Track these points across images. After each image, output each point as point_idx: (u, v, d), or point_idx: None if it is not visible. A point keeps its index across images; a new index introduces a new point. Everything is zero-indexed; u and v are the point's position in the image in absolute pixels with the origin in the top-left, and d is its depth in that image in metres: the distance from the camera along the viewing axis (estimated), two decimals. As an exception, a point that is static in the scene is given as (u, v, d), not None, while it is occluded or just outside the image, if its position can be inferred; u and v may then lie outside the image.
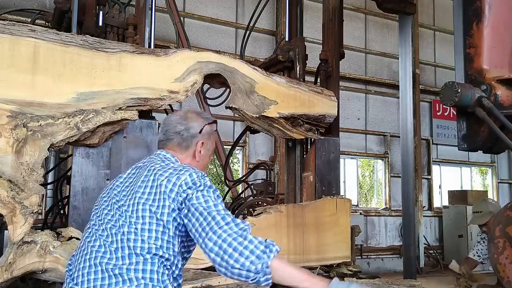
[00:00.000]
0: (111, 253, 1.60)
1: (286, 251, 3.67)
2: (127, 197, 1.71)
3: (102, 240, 1.65)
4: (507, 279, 2.73)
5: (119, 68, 2.97)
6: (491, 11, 2.85)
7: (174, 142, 1.89)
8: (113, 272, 1.57)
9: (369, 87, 10.77)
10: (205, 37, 8.99)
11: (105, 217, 1.71)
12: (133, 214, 1.64)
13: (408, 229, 5.63)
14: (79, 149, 2.97)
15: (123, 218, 1.65)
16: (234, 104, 3.42)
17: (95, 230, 1.70)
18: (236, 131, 8.88)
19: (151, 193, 1.67)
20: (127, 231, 1.62)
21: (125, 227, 1.63)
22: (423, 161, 11.18)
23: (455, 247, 10.35)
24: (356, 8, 10.63)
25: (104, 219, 1.71)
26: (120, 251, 1.60)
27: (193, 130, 1.91)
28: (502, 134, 2.66)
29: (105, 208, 1.75)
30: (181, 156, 1.88)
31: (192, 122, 1.92)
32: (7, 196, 2.61)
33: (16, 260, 2.64)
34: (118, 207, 1.70)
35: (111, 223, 1.67)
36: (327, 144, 4.09)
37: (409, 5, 4.97)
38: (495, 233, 2.82)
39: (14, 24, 2.75)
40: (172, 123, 1.92)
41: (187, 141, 1.90)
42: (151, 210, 1.64)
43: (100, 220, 1.72)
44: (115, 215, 1.68)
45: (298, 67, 4.15)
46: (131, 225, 1.62)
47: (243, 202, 5.38)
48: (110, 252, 1.61)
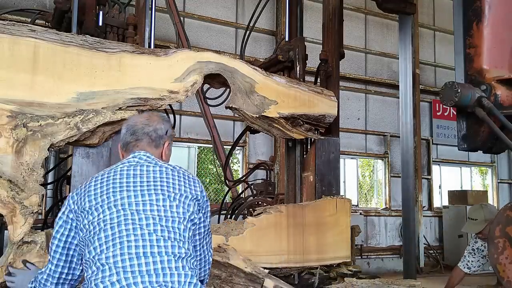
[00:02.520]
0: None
1: (286, 251, 3.67)
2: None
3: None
4: (507, 279, 2.73)
5: (119, 68, 2.98)
6: (491, 11, 2.85)
7: (144, 142, 1.92)
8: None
9: (369, 87, 10.76)
10: (205, 37, 8.98)
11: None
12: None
13: (408, 229, 5.63)
14: (79, 149, 2.97)
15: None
16: (234, 104, 3.42)
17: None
18: (236, 131, 8.87)
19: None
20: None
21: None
22: (423, 161, 11.16)
23: (455, 247, 10.34)
24: (356, 8, 10.62)
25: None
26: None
27: (160, 131, 1.95)
28: (502, 134, 2.67)
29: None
30: (153, 155, 1.91)
31: (158, 124, 1.96)
32: (7, 196, 2.61)
33: (16, 260, 2.64)
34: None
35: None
36: (327, 144, 4.09)
37: (409, 5, 4.97)
38: (495, 233, 2.82)
39: (14, 24, 2.75)
40: (138, 124, 1.95)
41: (156, 141, 1.94)
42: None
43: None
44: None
45: (298, 67, 4.15)
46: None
47: (243, 202, 5.39)
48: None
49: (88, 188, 1.75)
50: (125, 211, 1.65)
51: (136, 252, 1.55)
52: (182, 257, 1.61)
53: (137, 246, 1.56)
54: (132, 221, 1.62)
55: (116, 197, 1.69)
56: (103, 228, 1.62)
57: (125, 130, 1.96)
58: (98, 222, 1.64)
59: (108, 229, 1.61)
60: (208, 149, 8.93)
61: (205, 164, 9.22)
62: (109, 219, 1.63)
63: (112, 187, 1.72)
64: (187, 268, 1.59)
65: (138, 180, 1.75)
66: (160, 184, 1.74)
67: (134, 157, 1.86)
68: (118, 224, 1.62)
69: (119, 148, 2.00)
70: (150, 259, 1.55)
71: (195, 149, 8.90)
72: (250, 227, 3.54)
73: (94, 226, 1.64)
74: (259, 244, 3.55)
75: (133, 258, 1.54)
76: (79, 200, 1.74)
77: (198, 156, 9.03)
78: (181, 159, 8.67)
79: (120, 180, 1.74)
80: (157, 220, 1.64)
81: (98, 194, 1.71)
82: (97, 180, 1.77)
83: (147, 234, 1.60)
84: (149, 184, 1.74)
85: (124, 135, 1.95)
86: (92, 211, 1.68)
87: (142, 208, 1.66)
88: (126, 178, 1.75)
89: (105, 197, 1.70)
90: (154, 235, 1.60)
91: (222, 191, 8.70)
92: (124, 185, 1.73)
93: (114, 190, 1.71)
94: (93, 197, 1.71)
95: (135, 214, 1.64)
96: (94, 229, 1.64)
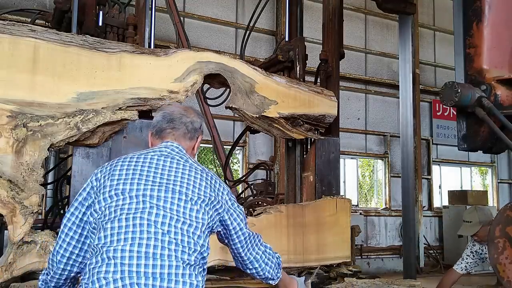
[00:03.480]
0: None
1: (286, 251, 3.67)
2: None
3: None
4: (507, 279, 2.73)
5: (119, 68, 2.98)
6: (491, 11, 2.85)
7: (180, 132, 1.90)
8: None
9: (369, 87, 10.77)
10: (205, 37, 8.99)
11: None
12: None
13: (408, 229, 5.62)
14: (79, 149, 2.97)
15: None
16: (234, 104, 3.42)
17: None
18: (236, 131, 8.87)
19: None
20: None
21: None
22: (423, 161, 11.17)
23: (455, 247, 10.34)
24: (356, 8, 10.62)
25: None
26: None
27: (196, 124, 1.94)
28: (502, 134, 2.67)
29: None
30: (184, 147, 1.89)
31: (194, 117, 1.95)
32: (7, 196, 2.61)
33: (16, 260, 2.64)
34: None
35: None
36: (327, 144, 4.09)
37: (409, 5, 4.97)
38: (495, 233, 2.82)
39: (14, 24, 2.75)
40: (176, 113, 1.92)
41: (191, 133, 1.92)
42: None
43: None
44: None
45: (298, 67, 4.15)
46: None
47: (243, 202, 5.38)
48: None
49: (113, 169, 1.71)
50: (145, 203, 1.59)
51: (145, 251, 1.50)
52: (191, 264, 1.56)
53: (148, 245, 1.51)
54: (148, 216, 1.57)
55: (140, 186, 1.63)
56: (118, 216, 1.56)
57: (161, 117, 1.92)
58: (115, 208, 1.59)
59: (123, 219, 1.55)
60: (208, 149, 8.93)
61: (205, 164, 9.23)
62: (126, 208, 1.58)
63: (139, 174, 1.67)
64: (193, 276, 1.54)
65: (166, 173, 1.70)
66: (187, 183, 1.69)
67: (166, 147, 1.82)
68: (133, 217, 1.56)
69: (149, 135, 1.96)
70: (158, 261, 1.49)
71: (195, 149, 8.90)
72: (250, 227, 3.52)
73: (110, 211, 1.59)
74: (259, 244, 3.54)
75: (141, 257, 1.49)
76: (103, 178, 1.70)
77: (198, 156, 9.03)
78: (181, 159, 8.65)
79: (148, 169, 1.69)
80: (174, 221, 1.59)
81: (122, 179, 1.66)
82: (124, 163, 1.72)
83: (160, 233, 1.54)
84: (175, 181, 1.68)
85: (159, 122, 1.91)
86: (112, 195, 1.62)
87: (162, 204, 1.61)
88: (155, 168, 1.70)
89: (128, 183, 1.64)
90: (167, 236, 1.55)
91: (222, 191, 8.69)
92: (151, 176, 1.67)
93: (140, 178, 1.66)
94: (116, 181, 1.66)
95: (154, 208, 1.59)
96: (109, 215, 1.58)
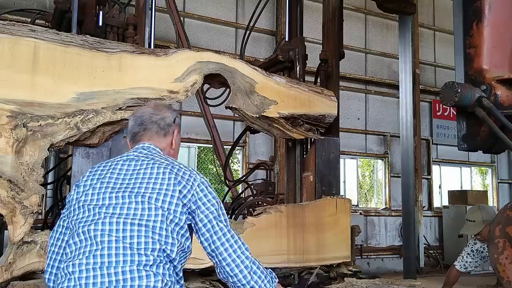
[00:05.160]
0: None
1: (286, 251, 3.67)
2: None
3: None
4: (507, 279, 2.74)
5: (119, 68, 2.98)
6: (491, 11, 2.85)
7: (152, 132, 1.90)
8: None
9: (369, 87, 10.76)
10: (205, 37, 8.98)
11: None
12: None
13: (408, 229, 5.64)
14: (79, 149, 2.97)
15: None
16: (234, 104, 3.42)
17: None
18: (236, 131, 8.86)
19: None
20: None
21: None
22: (423, 161, 11.16)
23: (455, 247, 10.32)
24: (356, 8, 10.62)
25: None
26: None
27: (168, 119, 1.94)
28: (502, 134, 2.67)
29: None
30: (160, 145, 1.89)
31: (165, 113, 1.95)
32: (7, 196, 2.61)
33: (16, 260, 2.64)
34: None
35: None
36: (327, 144, 4.09)
37: (409, 5, 4.98)
38: (495, 233, 2.82)
39: (14, 24, 2.76)
40: (146, 114, 1.93)
41: (165, 130, 1.92)
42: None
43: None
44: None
45: (298, 67, 4.15)
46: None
47: (243, 202, 5.38)
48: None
49: (81, 181, 1.75)
50: (100, 214, 1.62)
51: (101, 261, 1.53)
52: (150, 264, 1.56)
53: (102, 255, 1.54)
54: (103, 226, 1.60)
55: (99, 196, 1.67)
56: (77, 230, 1.61)
57: (133, 121, 1.92)
58: (75, 222, 1.64)
59: (80, 233, 1.60)
60: (208, 149, 8.93)
61: (205, 164, 9.23)
62: (84, 221, 1.62)
63: (100, 183, 1.70)
64: (151, 276, 1.54)
65: (128, 177, 1.71)
66: (147, 183, 1.69)
67: (135, 150, 1.83)
68: (88, 229, 1.59)
69: (128, 142, 1.95)
70: (112, 269, 1.52)
71: (195, 149, 8.90)
72: (250, 227, 3.53)
73: (73, 225, 1.64)
74: (259, 244, 3.55)
75: (97, 269, 1.52)
76: (73, 192, 1.74)
77: (198, 156, 9.03)
78: (181, 159, 8.65)
79: (110, 176, 1.71)
80: (128, 225, 1.60)
81: (84, 190, 1.70)
82: (90, 174, 1.75)
83: (114, 241, 1.57)
84: (135, 183, 1.69)
85: (132, 127, 1.92)
86: (75, 209, 1.67)
87: (118, 212, 1.63)
88: (117, 174, 1.72)
89: (90, 194, 1.68)
90: (121, 243, 1.57)
91: (222, 191, 8.69)
92: (111, 183, 1.69)
93: (101, 187, 1.69)
94: (78, 194, 1.70)
95: (107, 218, 1.61)
96: (72, 229, 1.64)
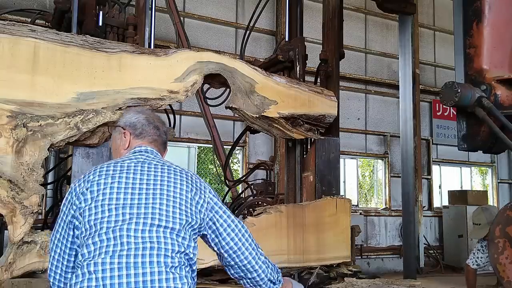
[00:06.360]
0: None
1: (286, 251, 3.67)
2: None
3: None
4: (507, 279, 2.74)
5: (119, 68, 2.98)
6: (491, 11, 2.85)
7: (160, 141, 1.92)
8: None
9: (369, 87, 10.76)
10: (205, 37, 8.98)
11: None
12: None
13: (408, 229, 5.63)
14: (79, 149, 2.97)
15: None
16: (234, 104, 3.42)
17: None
18: (236, 131, 8.87)
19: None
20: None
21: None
22: (423, 161, 11.16)
23: (455, 247, 10.34)
24: (356, 8, 10.62)
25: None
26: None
27: (168, 136, 1.97)
28: (502, 134, 2.66)
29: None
30: (161, 155, 1.90)
31: (166, 127, 1.97)
32: (7, 196, 2.61)
33: (16, 260, 2.64)
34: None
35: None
36: (327, 144, 4.09)
37: (409, 5, 4.98)
38: (495, 233, 2.82)
39: (14, 24, 2.75)
40: (156, 122, 1.93)
41: (165, 145, 1.96)
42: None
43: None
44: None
45: (298, 67, 4.15)
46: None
47: (243, 202, 5.38)
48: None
49: (91, 182, 1.66)
50: (124, 215, 1.58)
51: (126, 261, 1.49)
52: (175, 266, 1.55)
53: (128, 256, 1.51)
54: (128, 226, 1.56)
55: (119, 195, 1.61)
56: (99, 231, 1.55)
57: (146, 121, 1.90)
58: (95, 223, 1.57)
59: (103, 234, 1.54)
60: (208, 149, 8.93)
61: (205, 164, 9.22)
62: (106, 221, 1.56)
63: (117, 183, 1.64)
64: (177, 279, 1.53)
65: (145, 178, 1.67)
66: (167, 185, 1.68)
67: (141, 153, 1.79)
68: (113, 229, 1.55)
69: (128, 134, 1.89)
70: (139, 270, 1.49)
71: (195, 149, 8.90)
72: (250, 227, 3.53)
73: (91, 226, 1.57)
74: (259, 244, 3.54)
75: (122, 268, 1.48)
76: (81, 192, 1.65)
77: (198, 156, 9.03)
78: (181, 159, 8.66)
79: (127, 179, 1.66)
80: (155, 226, 1.58)
81: (101, 190, 1.62)
82: (101, 174, 1.67)
83: (140, 242, 1.54)
84: (155, 185, 1.67)
85: (144, 125, 1.88)
86: (91, 209, 1.60)
87: (143, 211, 1.60)
88: (133, 176, 1.67)
89: (108, 194, 1.61)
90: (148, 244, 1.54)
91: (222, 191, 8.70)
92: (129, 184, 1.65)
93: (119, 187, 1.63)
94: (92, 194, 1.62)
95: (133, 218, 1.58)
96: (90, 229, 1.57)
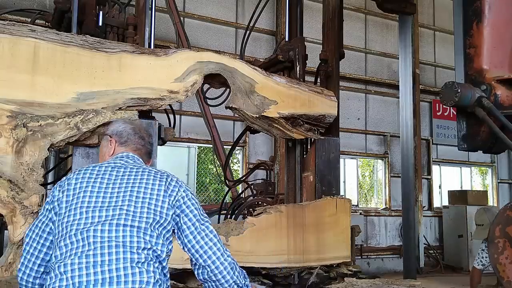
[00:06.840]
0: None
1: (286, 251, 3.67)
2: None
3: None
4: (507, 279, 2.73)
5: (119, 68, 2.98)
6: (491, 11, 2.85)
7: (144, 151, 1.97)
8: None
9: (369, 87, 10.76)
10: (205, 37, 8.98)
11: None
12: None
13: (408, 229, 5.63)
14: (79, 149, 2.97)
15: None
16: (234, 104, 3.42)
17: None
18: (236, 131, 8.87)
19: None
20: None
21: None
22: (423, 161, 11.16)
23: (455, 247, 10.35)
24: (356, 8, 10.62)
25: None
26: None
27: (153, 146, 2.05)
28: (502, 134, 2.66)
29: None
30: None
31: (152, 139, 2.03)
32: (7, 196, 2.61)
33: (16, 260, 2.64)
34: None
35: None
36: (327, 144, 4.09)
37: (409, 5, 4.98)
38: (495, 233, 2.82)
39: (14, 24, 2.76)
40: (142, 133, 1.99)
41: (149, 154, 2.01)
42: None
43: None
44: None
45: (298, 67, 4.15)
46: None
47: (243, 202, 5.38)
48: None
49: (68, 184, 1.74)
50: (93, 218, 1.65)
51: (94, 261, 1.56)
52: (142, 262, 1.60)
53: (95, 255, 1.57)
54: (95, 227, 1.62)
55: (91, 198, 1.69)
56: (69, 233, 1.62)
57: (132, 130, 1.96)
58: (66, 225, 1.64)
59: (73, 235, 1.61)
60: (208, 149, 8.93)
61: (205, 164, 9.22)
62: (76, 224, 1.63)
63: (91, 187, 1.71)
64: (144, 273, 1.58)
65: (118, 182, 1.74)
66: (138, 187, 1.73)
67: (121, 159, 1.86)
68: (81, 231, 1.61)
69: (113, 142, 1.94)
70: (105, 267, 1.55)
71: (195, 149, 8.90)
72: (250, 227, 3.54)
73: (63, 228, 1.65)
74: (259, 244, 3.55)
75: (90, 267, 1.55)
76: (60, 194, 1.72)
77: (198, 156, 9.02)
78: (181, 159, 8.67)
79: (101, 181, 1.73)
80: (121, 226, 1.63)
81: (75, 194, 1.70)
82: (78, 178, 1.75)
83: (106, 241, 1.60)
84: (126, 187, 1.73)
85: (130, 134, 1.94)
86: (64, 211, 1.67)
87: (111, 213, 1.66)
88: (107, 180, 1.74)
89: (81, 197, 1.69)
90: (113, 242, 1.60)
91: (222, 191, 8.70)
92: (102, 189, 1.72)
93: (92, 191, 1.70)
94: (67, 197, 1.70)
95: (102, 219, 1.64)
96: (62, 231, 1.64)
